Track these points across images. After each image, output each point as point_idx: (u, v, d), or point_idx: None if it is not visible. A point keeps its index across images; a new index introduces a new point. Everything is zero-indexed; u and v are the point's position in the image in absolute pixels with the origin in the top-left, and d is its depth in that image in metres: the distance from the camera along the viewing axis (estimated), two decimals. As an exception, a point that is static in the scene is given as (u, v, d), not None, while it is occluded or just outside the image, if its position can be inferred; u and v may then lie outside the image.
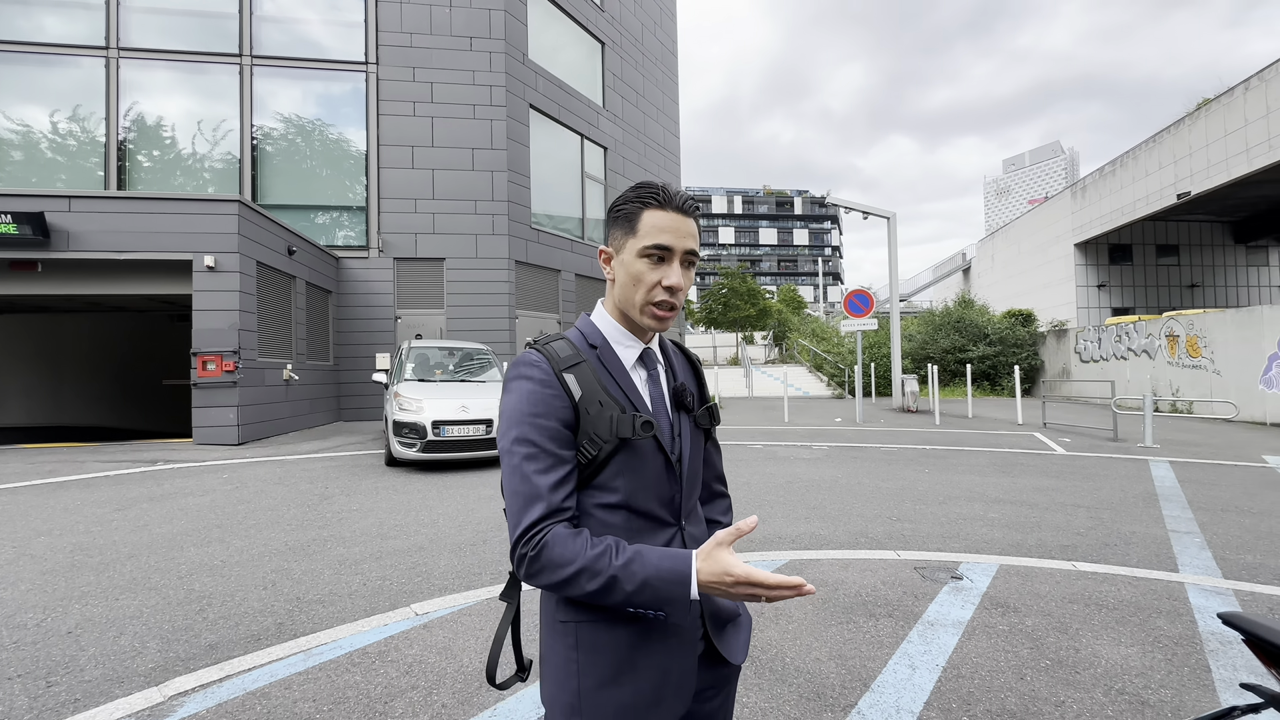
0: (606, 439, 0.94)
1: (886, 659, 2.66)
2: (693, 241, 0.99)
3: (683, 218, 0.98)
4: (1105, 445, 9.08)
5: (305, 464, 7.74)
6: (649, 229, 0.97)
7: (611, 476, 0.95)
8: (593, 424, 0.94)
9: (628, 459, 0.96)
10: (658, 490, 0.99)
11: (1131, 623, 3.02)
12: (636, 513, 0.97)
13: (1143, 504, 5.48)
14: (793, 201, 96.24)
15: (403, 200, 13.57)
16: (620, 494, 0.95)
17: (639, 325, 1.02)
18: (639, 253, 0.98)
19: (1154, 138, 19.08)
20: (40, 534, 4.58)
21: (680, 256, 0.98)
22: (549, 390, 0.94)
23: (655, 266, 0.97)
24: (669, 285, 0.97)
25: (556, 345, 0.99)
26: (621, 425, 0.94)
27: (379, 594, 3.42)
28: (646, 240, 0.97)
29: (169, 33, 12.83)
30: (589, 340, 1.02)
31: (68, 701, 2.33)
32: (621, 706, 0.92)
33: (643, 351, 1.05)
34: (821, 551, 4.17)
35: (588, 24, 16.71)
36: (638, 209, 0.98)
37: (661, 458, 0.99)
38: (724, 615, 1.05)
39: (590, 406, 0.94)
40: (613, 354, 1.02)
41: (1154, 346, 15.58)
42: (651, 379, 1.05)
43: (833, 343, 24.60)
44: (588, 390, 0.95)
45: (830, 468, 7.32)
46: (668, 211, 0.97)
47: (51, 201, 8.99)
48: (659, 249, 0.96)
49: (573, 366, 0.97)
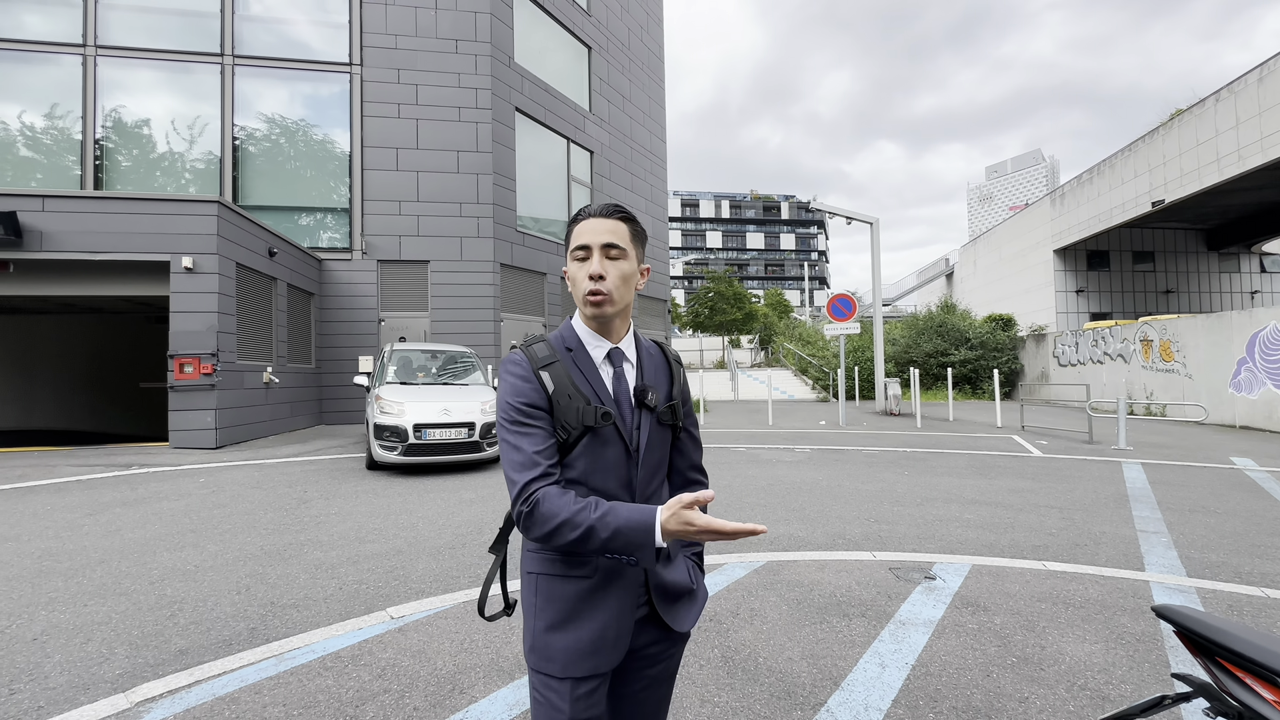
0: (574, 426, 1.11)
1: (857, 658, 2.70)
2: (611, 236, 1.15)
3: (601, 220, 1.16)
4: (1080, 448, 9.26)
5: (284, 468, 7.65)
6: (574, 236, 1.18)
7: (576, 457, 1.12)
8: (563, 413, 1.11)
9: (591, 443, 1.12)
10: (617, 472, 1.14)
11: (1096, 620, 3.09)
12: (593, 489, 1.12)
13: (1114, 505, 5.60)
14: (779, 206, 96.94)
15: (387, 202, 13.48)
16: (577, 471, 1.12)
17: (595, 320, 1.18)
18: (571, 258, 1.18)
19: (1130, 147, 19.53)
20: (6, 540, 4.48)
21: (599, 250, 1.15)
22: (528, 384, 1.13)
23: (582, 264, 1.16)
24: (591, 274, 1.14)
25: (536, 348, 1.17)
26: (586, 415, 1.11)
27: (355, 598, 3.40)
28: (573, 244, 1.18)
29: (149, 31, 12.65)
30: (565, 343, 1.19)
31: (30, 709, 2.29)
32: (565, 648, 1.10)
33: (610, 351, 1.20)
34: (799, 553, 4.21)
35: (574, 28, 16.75)
36: (570, 227, 1.19)
37: (621, 445, 1.14)
38: (673, 589, 1.20)
39: (561, 399, 1.11)
40: (585, 354, 1.18)
41: (1129, 351, 15.92)
42: (617, 376, 1.19)
43: (818, 346, 24.82)
44: (559, 385, 1.12)
45: (812, 470, 7.39)
46: (589, 220, 1.16)
47: (24, 201, 8.82)
48: (581, 249, 1.16)
49: (547, 365, 1.14)
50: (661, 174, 21.27)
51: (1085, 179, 21.90)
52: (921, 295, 40.46)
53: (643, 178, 19.85)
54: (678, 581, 1.20)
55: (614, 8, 18.55)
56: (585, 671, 1.09)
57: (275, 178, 13.31)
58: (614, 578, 1.12)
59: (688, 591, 1.23)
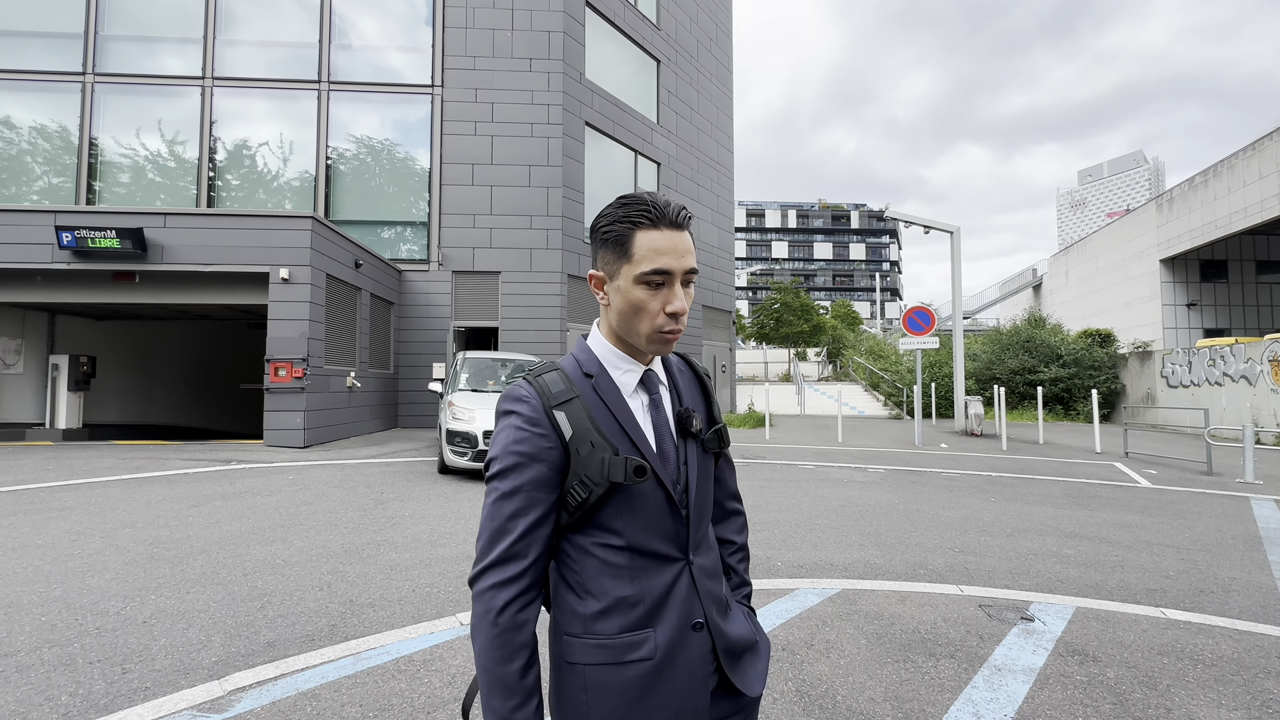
0: (598, 482, 0.89)
1: (948, 704, 2.48)
2: (691, 259, 0.92)
3: (678, 233, 0.90)
4: (1198, 479, 8.31)
5: (363, 468, 8.05)
6: (645, 253, 0.89)
7: (610, 518, 0.92)
8: (583, 465, 0.90)
9: (625, 500, 0.91)
10: (661, 528, 0.94)
11: (1234, 682, 2.70)
12: (640, 552, 0.93)
13: (1244, 546, 4.95)
14: (849, 215, 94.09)
15: (462, 216, 14.08)
16: (622, 536, 0.92)
17: (639, 349, 0.97)
18: (637, 280, 0.90)
19: (1255, 144, 17.59)
20: (125, 526, 4.92)
21: (680, 278, 0.91)
22: (536, 430, 0.90)
23: (656, 293, 0.90)
24: (673, 312, 0.91)
25: (549, 378, 0.94)
26: (614, 469, 0.89)
27: (427, 601, 3.48)
28: (644, 266, 0.89)
29: (256, 63, 13.88)
30: (584, 368, 0.96)
31: (139, 689, 2.46)
32: None
33: (644, 374, 0.99)
34: (876, 582, 3.96)
35: (644, 42, 16.97)
36: (628, 230, 0.90)
37: (663, 494, 0.94)
38: (738, 646, 1.02)
39: (581, 447, 0.90)
40: (610, 382, 0.96)
41: (1254, 372, 14.22)
42: (653, 404, 0.99)
43: (890, 361, 23.71)
44: (579, 430, 0.90)
45: (886, 492, 7.00)
46: (662, 230, 0.89)
47: (149, 218, 9.81)
48: (660, 274, 0.89)
49: (564, 403, 0.92)
50: (728, 184, 21.10)
51: (1199, 182, 19.90)
52: (1005, 308, 37.97)
53: (709, 188, 19.76)
54: (740, 636, 1.02)
55: (683, 20, 18.66)
56: None
57: (362, 194, 14.19)
58: (679, 650, 0.93)
59: (751, 645, 1.05)
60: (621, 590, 0.91)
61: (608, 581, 0.92)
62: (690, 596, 0.95)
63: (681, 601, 0.94)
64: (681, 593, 0.94)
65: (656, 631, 0.91)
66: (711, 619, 0.97)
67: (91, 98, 13.33)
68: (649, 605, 0.92)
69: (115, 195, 13.34)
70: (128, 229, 9.47)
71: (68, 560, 4.04)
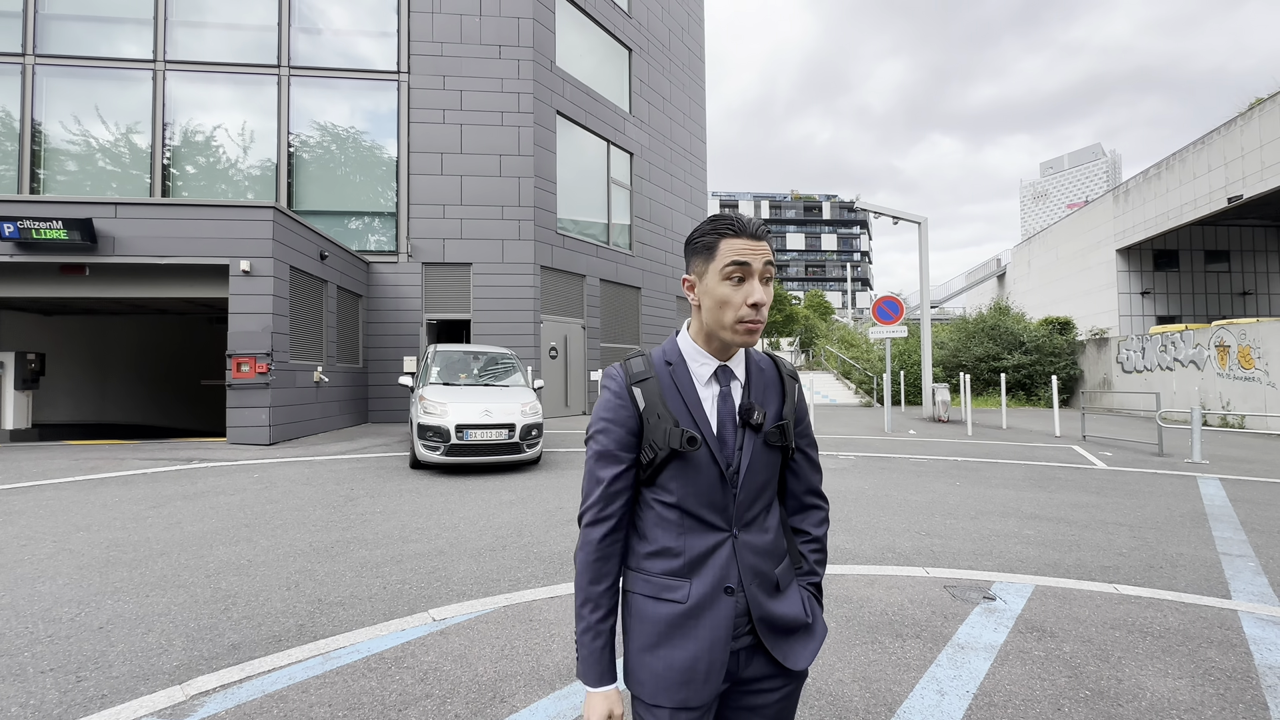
0: (661, 447, 1.08)
1: (913, 683, 2.55)
2: (768, 258, 1.09)
3: (757, 242, 1.07)
4: (1150, 460, 8.69)
5: (332, 465, 7.88)
6: (728, 252, 1.06)
7: (668, 479, 1.09)
8: (652, 432, 1.09)
9: (682, 466, 1.08)
10: (710, 499, 1.09)
11: (1179, 652, 2.85)
12: (688, 514, 1.10)
13: (1191, 523, 5.20)
14: (821, 206, 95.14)
15: (431, 206, 13.79)
16: (674, 495, 1.10)
17: (725, 343, 1.11)
18: (721, 274, 1.06)
19: (1203, 139, 18.30)
20: (79, 529, 4.73)
21: (759, 273, 1.07)
22: (619, 400, 1.11)
23: (738, 286, 1.06)
24: (753, 302, 1.06)
25: (634, 362, 1.16)
26: (672, 437, 1.07)
27: (398, 598, 3.44)
28: (722, 259, 1.06)
29: (212, 46, 13.31)
30: (666, 357, 1.15)
31: (95, 697, 2.38)
32: (653, 674, 1.07)
33: (717, 368, 1.13)
34: (846, 566, 4.05)
35: (615, 30, 16.79)
36: (715, 239, 1.08)
37: (716, 470, 1.09)
38: (783, 623, 1.13)
39: (651, 417, 1.09)
40: (685, 371, 1.13)
41: (1202, 357, 14.89)
42: (723, 395, 1.13)
43: (861, 349, 24.18)
44: (650, 403, 1.10)
45: (857, 479, 7.15)
46: (743, 238, 1.06)
47: (99, 208, 9.37)
48: (738, 265, 1.05)
49: (641, 381, 1.12)
50: (701, 175, 21.11)
51: (1152, 174, 20.64)
52: (971, 297, 38.94)
53: (682, 179, 19.75)
54: (789, 615, 1.14)
55: (654, 9, 18.52)
56: (674, 703, 1.06)
57: (326, 183, 13.78)
58: (706, 607, 1.08)
59: (802, 626, 1.16)
60: (667, 541, 1.10)
61: (658, 531, 1.11)
62: (729, 564, 1.09)
63: (720, 565, 1.09)
64: (721, 558, 1.09)
65: (692, 584, 1.08)
66: (750, 589, 1.10)
67: (33, 80, 12.63)
68: (689, 559, 1.09)
69: (62, 184, 12.70)
70: (75, 219, 9.03)
71: (16, 566, 3.87)
